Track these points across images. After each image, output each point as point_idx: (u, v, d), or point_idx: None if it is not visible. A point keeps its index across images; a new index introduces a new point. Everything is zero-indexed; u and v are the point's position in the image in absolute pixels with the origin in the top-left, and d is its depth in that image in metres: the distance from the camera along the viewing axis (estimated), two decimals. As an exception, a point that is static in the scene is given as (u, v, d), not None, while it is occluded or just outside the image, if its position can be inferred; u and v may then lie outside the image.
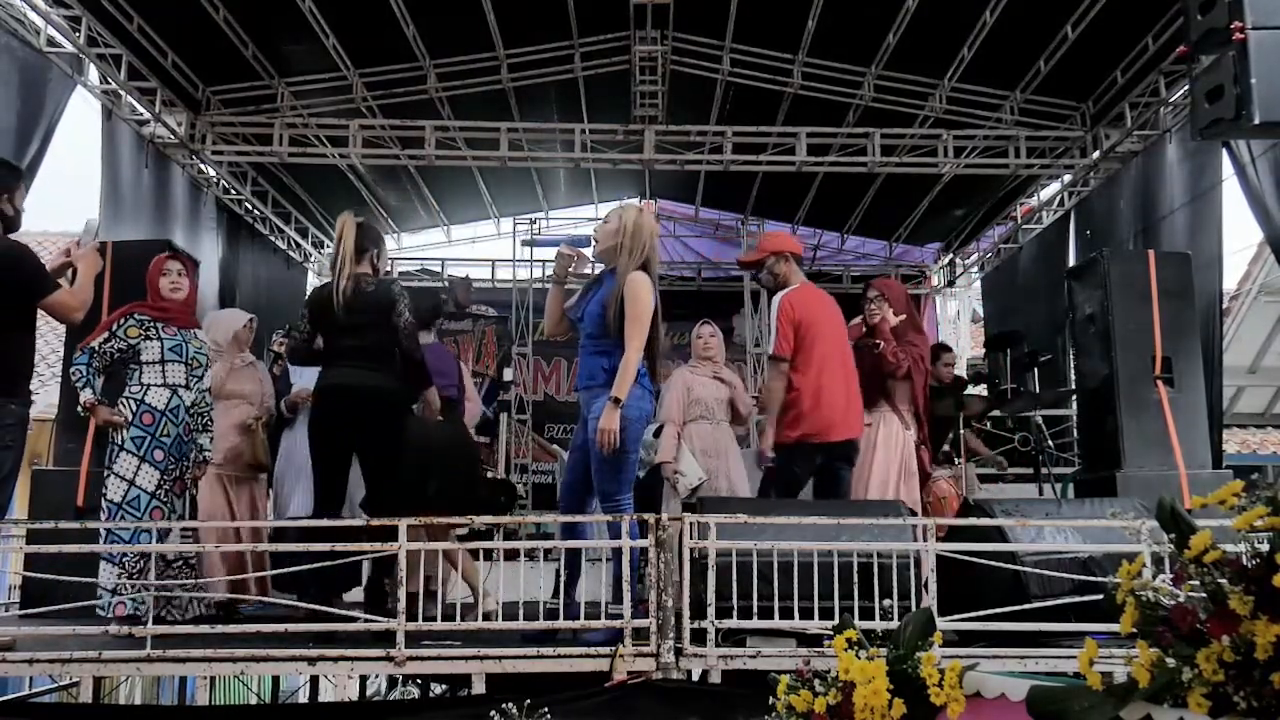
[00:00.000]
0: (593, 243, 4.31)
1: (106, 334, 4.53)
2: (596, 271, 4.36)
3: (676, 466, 5.36)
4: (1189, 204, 7.08)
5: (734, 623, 3.85)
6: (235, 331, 5.48)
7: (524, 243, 10.77)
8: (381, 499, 4.37)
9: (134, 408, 4.53)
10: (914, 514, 4.62)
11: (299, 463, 5.41)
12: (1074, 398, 7.71)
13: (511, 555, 5.14)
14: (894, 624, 2.89)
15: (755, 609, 3.85)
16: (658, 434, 5.66)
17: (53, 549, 4.01)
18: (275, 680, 7.54)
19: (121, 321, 4.57)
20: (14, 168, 4.53)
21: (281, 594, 5.09)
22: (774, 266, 5.00)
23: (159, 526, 4.29)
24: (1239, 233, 21.93)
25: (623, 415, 3.98)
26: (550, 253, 11.49)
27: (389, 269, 4.58)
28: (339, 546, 3.89)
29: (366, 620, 4.00)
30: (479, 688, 3.81)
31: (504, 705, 3.16)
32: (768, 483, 5.00)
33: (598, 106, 8.90)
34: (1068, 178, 9.20)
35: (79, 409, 4.57)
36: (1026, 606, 3.92)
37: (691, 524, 3.91)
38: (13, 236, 4.27)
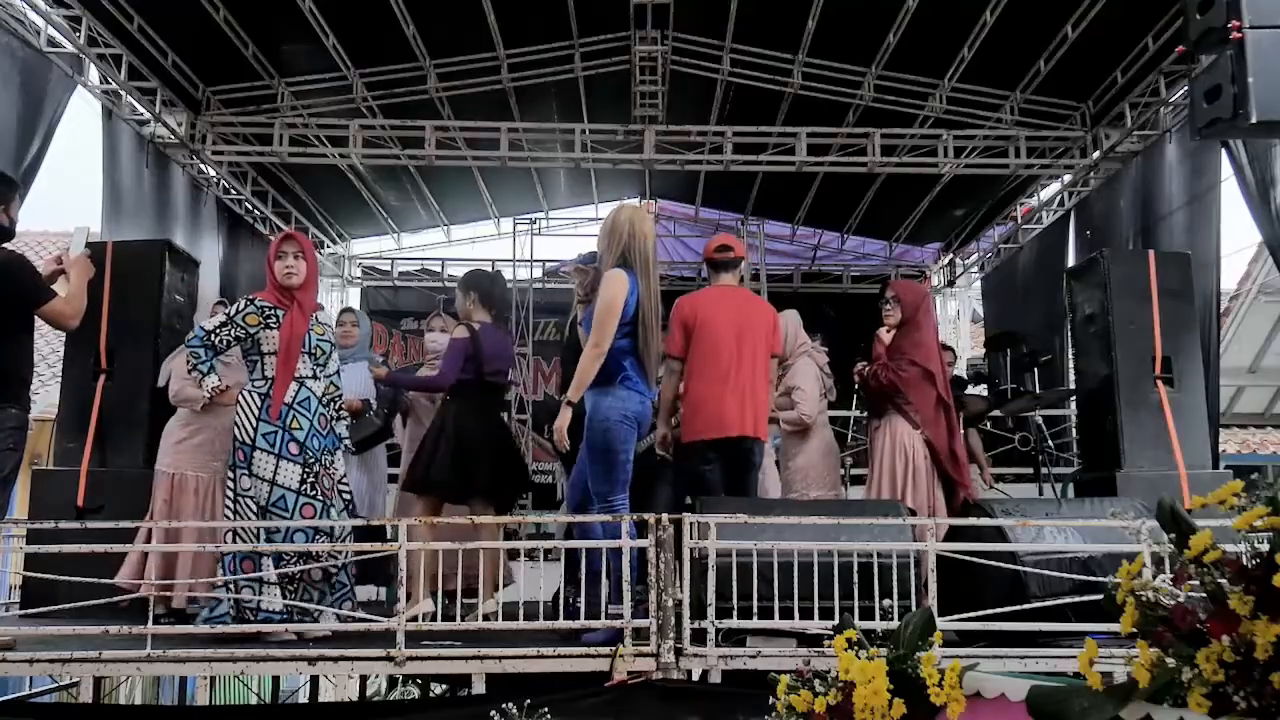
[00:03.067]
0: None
1: (224, 318, 4.25)
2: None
3: None
4: (1188, 204, 7.08)
5: (734, 623, 3.85)
6: None
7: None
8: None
9: (258, 402, 4.19)
10: (913, 514, 4.62)
11: None
12: (1074, 398, 7.71)
13: (511, 555, 5.15)
14: (894, 624, 2.89)
15: (755, 609, 3.85)
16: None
17: (53, 549, 4.01)
18: (275, 680, 7.54)
19: (241, 307, 4.27)
20: (9, 179, 4.56)
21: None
22: None
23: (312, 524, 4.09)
24: (1239, 233, 21.96)
25: (604, 416, 4.04)
26: (549, 251, 11.60)
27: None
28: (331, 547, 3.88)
29: (366, 620, 4.01)
30: (479, 688, 3.82)
31: (504, 705, 3.16)
32: (680, 485, 4.95)
33: (598, 106, 8.90)
34: (1068, 178, 9.20)
35: (206, 395, 4.31)
36: (1026, 606, 3.93)
37: (691, 524, 3.91)
38: (8, 242, 4.29)
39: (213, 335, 4.21)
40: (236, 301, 4.32)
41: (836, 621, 2.53)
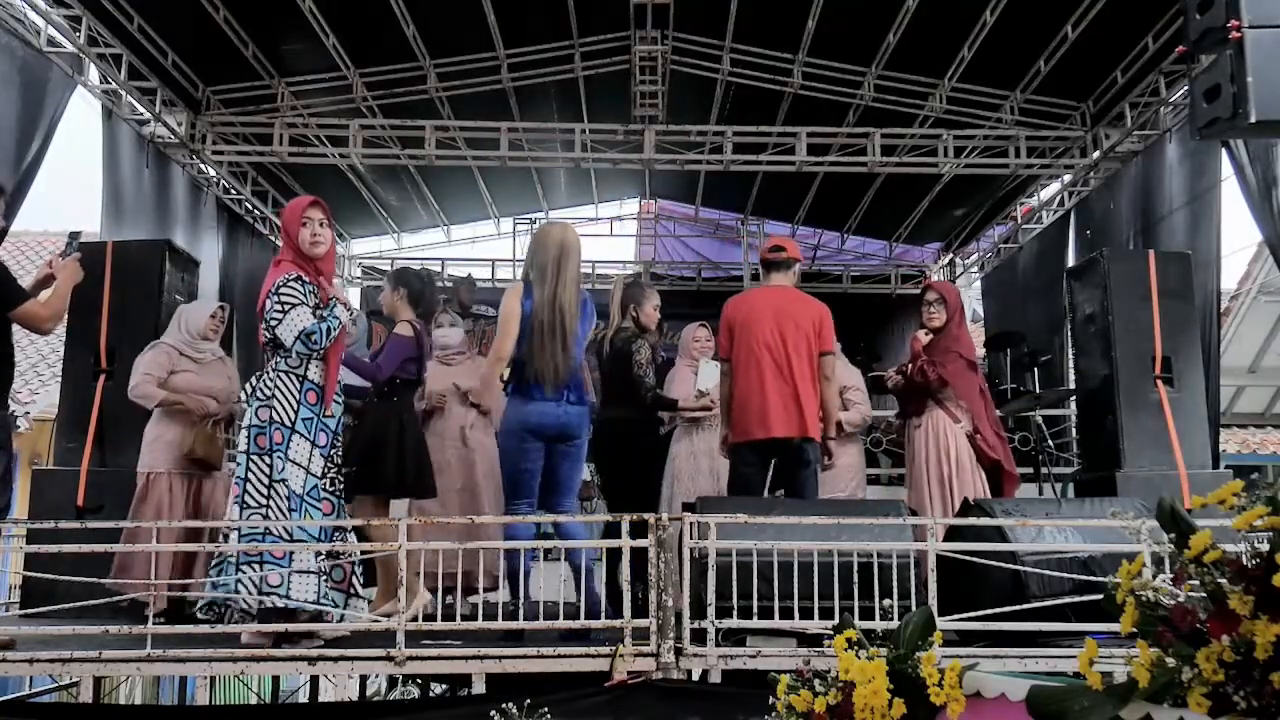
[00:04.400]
0: None
1: (304, 306, 3.95)
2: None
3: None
4: (1188, 204, 7.08)
5: (734, 623, 3.85)
6: (201, 322, 5.21)
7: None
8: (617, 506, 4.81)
9: (297, 385, 3.96)
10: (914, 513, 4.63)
11: None
12: (1074, 398, 7.71)
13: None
14: (894, 624, 2.89)
15: (755, 609, 3.85)
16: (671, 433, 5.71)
17: (53, 549, 4.01)
18: (275, 680, 7.54)
19: (300, 291, 3.97)
20: None
21: None
22: None
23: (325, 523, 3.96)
24: (1239, 233, 21.98)
25: (501, 426, 4.25)
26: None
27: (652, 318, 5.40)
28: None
29: (366, 620, 4.01)
30: (479, 688, 3.82)
31: (504, 705, 3.17)
32: (731, 485, 4.97)
33: (598, 106, 8.89)
34: (1068, 178, 9.20)
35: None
36: (1026, 606, 3.93)
37: (691, 524, 3.91)
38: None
39: (317, 321, 3.98)
40: (289, 286, 3.97)
41: (836, 621, 2.52)
